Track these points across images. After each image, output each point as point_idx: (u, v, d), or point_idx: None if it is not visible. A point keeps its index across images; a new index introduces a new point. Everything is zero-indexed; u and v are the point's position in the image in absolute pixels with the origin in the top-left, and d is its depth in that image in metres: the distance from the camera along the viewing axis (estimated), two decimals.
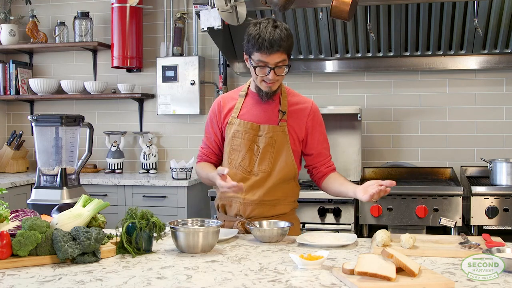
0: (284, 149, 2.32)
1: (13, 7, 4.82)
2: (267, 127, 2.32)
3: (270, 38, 2.13)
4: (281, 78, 2.26)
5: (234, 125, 2.35)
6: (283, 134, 2.32)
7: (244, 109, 2.36)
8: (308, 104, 2.39)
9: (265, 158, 2.32)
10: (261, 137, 2.32)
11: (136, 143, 4.69)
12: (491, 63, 3.95)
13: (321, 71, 4.24)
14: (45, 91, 4.61)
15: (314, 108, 2.39)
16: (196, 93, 4.38)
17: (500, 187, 3.42)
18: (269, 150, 2.32)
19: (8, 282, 1.57)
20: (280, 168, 2.32)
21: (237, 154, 2.34)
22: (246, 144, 2.32)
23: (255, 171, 2.33)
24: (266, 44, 2.13)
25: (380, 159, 4.21)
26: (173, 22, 4.49)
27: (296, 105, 2.37)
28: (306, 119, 2.36)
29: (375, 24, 3.80)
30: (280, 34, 2.15)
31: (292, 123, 2.34)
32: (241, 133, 2.33)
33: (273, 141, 2.31)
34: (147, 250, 1.91)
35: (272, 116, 2.34)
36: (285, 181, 2.35)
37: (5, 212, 1.88)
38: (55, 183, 2.71)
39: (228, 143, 2.37)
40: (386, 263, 1.55)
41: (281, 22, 2.22)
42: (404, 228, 3.35)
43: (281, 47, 2.15)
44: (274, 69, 2.19)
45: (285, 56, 2.19)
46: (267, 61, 2.18)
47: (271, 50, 2.14)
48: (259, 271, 1.66)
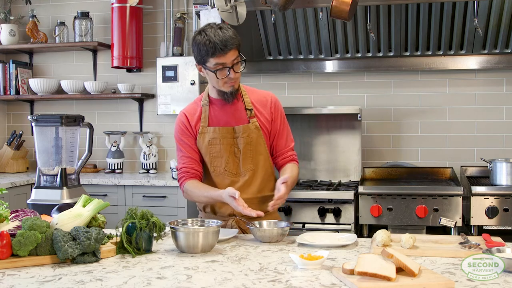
0: (261, 144, 2.39)
1: (13, 7, 4.82)
2: (241, 128, 2.37)
3: (222, 39, 2.20)
4: (240, 75, 2.33)
5: (208, 133, 2.38)
6: (256, 130, 2.38)
7: (212, 116, 2.40)
8: (268, 96, 2.46)
9: (247, 157, 2.38)
10: (239, 139, 2.37)
11: (136, 143, 4.69)
12: (491, 63, 3.95)
13: (321, 71, 4.24)
14: (45, 91, 4.61)
15: (274, 99, 2.46)
16: (196, 93, 4.38)
17: (500, 187, 3.42)
18: (249, 149, 2.37)
19: (8, 282, 1.57)
20: (262, 163, 2.39)
21: (219, 161, 2.38)
22: (226, 148, 2.37)
23: (242, 172, 2.38)
24: (219, 46, 2.20)
25: (380, 159, 4.21)
26: (173, 22, 4.49)
27: (258, 100, 2.44)
28: (270, 110, 2.43)
29: (375, 24, 3.80)
30: (229, 33, 2.23)
31: (260, 117, 2.41)
32: (218, 139, 2.37)
33: (250, 140, 2.37)
34: (147, 250, 1.91)
35: (241, 116, 2.39)
36: (269, 176, 2.43)
37: (5, 212, 1.88)
38: (55, 183, 2.71)
39: (206, 152, 2.39)
40: (386, 263, 1.55)
41: (223, 24, 2.31)
42: (404, 228, 3.34)
43: (233, 44, 2.23)
44: (233, 67, 2.26)
45: (237, 52, 2.27)
46: (224, 61, 2.24)
47: (226, 50, 2.21)
48: (259, 271, 1.66)
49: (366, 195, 3.44)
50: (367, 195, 3.44)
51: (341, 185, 3.82)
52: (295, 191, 3.53)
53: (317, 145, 4.09)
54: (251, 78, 4.38)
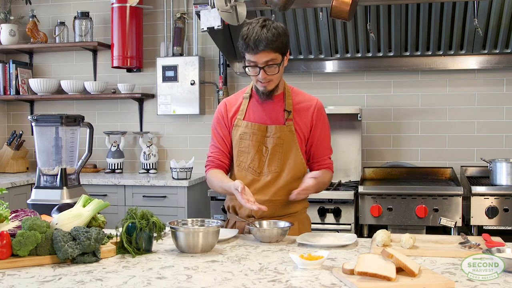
0: (293, 148, 2.32)
1: (13, 7, 4.82)
2: (274, 128, 2.31)
3: (256, 38, 2.14)
4: (275, 77, 2.24)
5: (241, 127, 2.34)
6: (290, 134, 2.31)
7: (250, 110, 2.36)
8: (313, 102, 2.38)
9: (274, 158, 2.31)
10: (269, 138, 2.31)
11: (136, 143, 4.69)
12: (491, 63, 3.95)
13: (321, 71, 4.24)
14: (45, 91, 4.61)
15: (318, 106, 2.38)
16: (196, 93, 4.38)
17: (500, 187, 3.42)
18: (278, 150, 2.31)
19: (8, 282, 1.57)
20: (290, 168, 2.32)
21: (245, 156, 2.33)
22: (255, 145, 2.32)
23: (265, 172, 2.32)
24: (251, 44, 2.15)
25: (380, 159, 4.21)
26: (173, 22, 4.49)
27: (300, 103, 2.36)
28: (311, 116, 2.35)
29: (375, 24, 3.80)
30: (267, 34, 2.14)
31: (299, 121, 2.33)
32: (248, 135, 2.32)
33: (281, 142, 2.31)
34: (147, 250, 1.91)
35: (278, 116, 2.33)
36: (295, 180, 2.33)
37: (5, 212, 1.88)
38: (55, 183, 2.71)
39: (236, 145, 2.36)
40: (386, 263, 1.55)
41: (273, 21, 2.21)
42: (404, 228, 3.35)
43: (267, 46, 2.14)
44: (264, 68, 2.19)
45: (274, 55, 2.18)
46: (255, 60, 2.18)
47: (256, 50, 2.15)
48: (259, 271, 1.66)
49: (366, 195, 3.44)
50: (367, 195, 3.45)
51: (341, 185, 3.82)
52: None
53: None
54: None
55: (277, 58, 2.19)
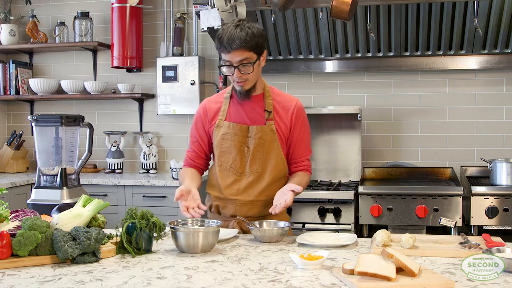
0: (274, 148, 2.35)
1: (13, 7, 4.82)
2: (255, 128, 2.34)
3: (229, 37, 2.18)
4: (250, 76, 2.27)
5: (223, 127, 2.37)
6: (271, 133, 2.34)
7: (231, 111, 2.39)
8: (292, 102, 2.41)
9: (255, 158, 2.34)
10: (251, 138, 2.34)
11: (136, 143, 4.69)
12: (491, 63, 3.95)
13: (321, 71, 4.24)
14: (45, 91, 4.61)
15: (298, 106, 2.41)
16: (196, 93, 4.38)
17: (500, 187, 3.42)
18: (259, 150, 2.34)
19: (8, 282, 1.57)
20: (272, 167, 2.35)
21: (227, 157, 2.36)
22: (236, 146, 2.35)
23: (247, 172, 2.35)
24: (225, 44, 2.19)
25: (380, 159, 4.21)
26: (173, 22, 4.49)
27: (281, 103, 2.39)
28: (291, 117, 2.38)
29: (375, 24, 3.80)
30: (240, 33, 2.18)
31: (279, 121, 2.37)
32: (230, 135, 2.35)
33: (262, 142, 2.33)
34: (147, 250, 1.91)
35: (258, 116, 2.36)
36: (277, 180, 2.37)
37: (5, 212, 1.88)
38: (55, 183, 2.71)
39: (217, 145, 2.38)
40: (386, 263, 1.55)
41: (248, 22, 2.25)
42: (404, 228, 3.34)
43: (240, 45, 2.18)
44: (239, 67, 2.22)
45: (248, 54, 2.21)
46: (229, 59, 2.23)
47: (230, 49, 2.19)
48: (259, 271, 1.66)
49: (366, 195, 3.44)
50: (367, 195, 3.45)
51: (341, 185, 3.82)
52: None
53: (317, 145, 4.09)
54: None
55: (252, 57, 2.23)
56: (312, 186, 3.70)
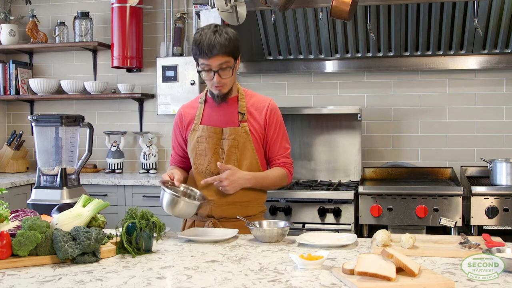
0: (248, 149, 2.39)
1: (13, 7, 4.82)
2: (229, 130, 2.38)
3: (209, 43, 2.24)
4: (229, 80, 2.34)
5: (198, 131, 2.43)
6: (245, 135, 2.38)
7: (206, 115, 2.45)
8: (265, 103, 2.45)
9: (230, 160, 2.38)
10: (225, 140, 2.39)
11: (136, 143, 4.69)
12: (491, 63, 3.95)
13: (321, 71, 4.24)
14: (45, 91, 4.61)
15: (271, 106, 2.45)
16: (196, 93, 4.37)
17: (500, 187, 3.42)
18: (234, 151, 2.38)
19: (8, 282, 1.57)
20: (246, 168, 2.38)
21: (202, 159, 2.41)
22: (211, 148, 2.39)
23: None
24: (205, 49, 2.24)
25: (380, 159, 4.21)
26: (173, 22, 4.49)
27: (254, 105, 2.44)
28: (264, 117, 2.43)
29: (375, 24, 3.80)
30: (219, 39, 2.24)
31: (253, 122, 2.41)
32: (205, 138, 2.40)
33: (236, 143, 2.38)
34: (147, 250, 1.91)
35: (233, 118, 2.41)
36: None
37: (5, 212, 1.88)
38: (55, 183, 2.71)
39: (193, 149, 2.43)
40: (386, 263, 1.55)
41: (224, 27, 2.32)
42: (404, 228, 3.34)
43: (220, 50, 2.24)
44: (218, 71, 2.28)
45: (227, 58, 2.27)
46: (209, 63, 2.27)
47: (210, 54, 2.25)
48: (259, 271, 1.66)
49: (366, 195, 3.44)
50: (367, 195, 3.44)
51: (341, 185, 3.82)
52: (295, 191, 3.53)
53: (317, 145, 4.09)
54: (251, 78, 4.38)
55: (230, 61, 2.29)
56: (312, 186, 3.70)
